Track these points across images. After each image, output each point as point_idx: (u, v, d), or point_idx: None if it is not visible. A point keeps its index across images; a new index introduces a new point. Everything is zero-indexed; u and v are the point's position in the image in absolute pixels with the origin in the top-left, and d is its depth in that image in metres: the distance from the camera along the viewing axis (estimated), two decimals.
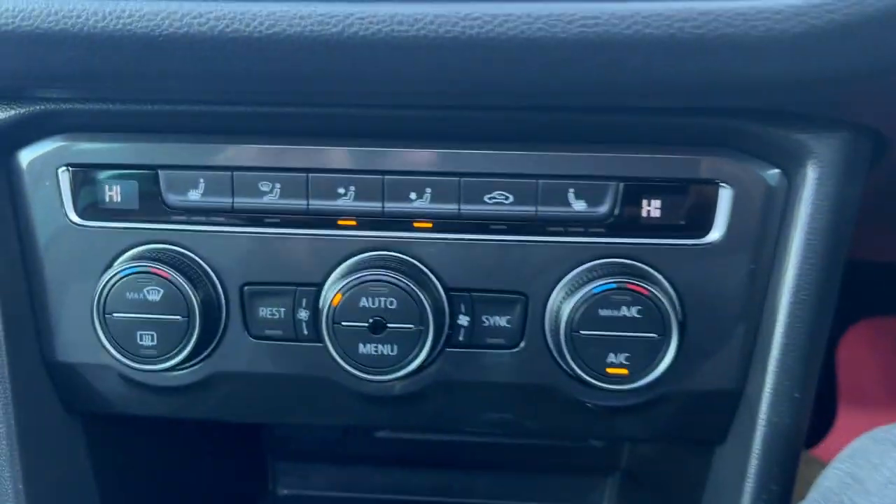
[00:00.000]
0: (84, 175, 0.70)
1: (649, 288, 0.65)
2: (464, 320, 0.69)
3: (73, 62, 0.53)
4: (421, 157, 0.67)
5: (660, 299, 0.65)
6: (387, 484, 1.13)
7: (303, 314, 0.70)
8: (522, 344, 0.69)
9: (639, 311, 0.65)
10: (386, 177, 0.68)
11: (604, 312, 0.65)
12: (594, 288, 0.65)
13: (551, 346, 0.68)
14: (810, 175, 0.63)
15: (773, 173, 0.66)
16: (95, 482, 0.80)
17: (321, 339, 0.68)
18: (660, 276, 0.67)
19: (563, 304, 0.67)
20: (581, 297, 0.65)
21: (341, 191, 0.68)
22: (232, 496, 1.08)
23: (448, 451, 1.11)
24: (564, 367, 0.68)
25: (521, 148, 0.67)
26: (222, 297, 0.70)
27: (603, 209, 0.67)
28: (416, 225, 0.69)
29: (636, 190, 0.67)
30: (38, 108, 0.67)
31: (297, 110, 0.64)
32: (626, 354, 0.66)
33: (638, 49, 0.48)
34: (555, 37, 0.48)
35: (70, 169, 0.70)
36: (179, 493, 0.96)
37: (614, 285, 0.65)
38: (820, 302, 0.66)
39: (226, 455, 1.08)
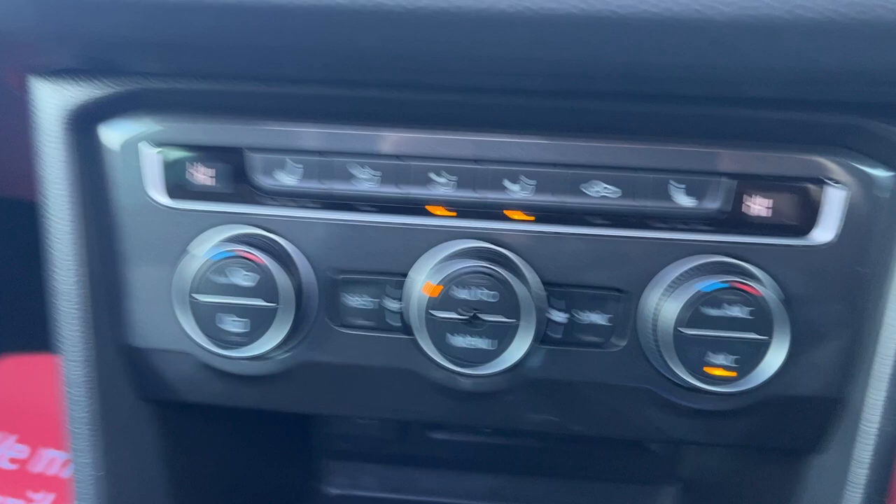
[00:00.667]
0: (173, 155, 0.68)
1: (759, 288, 0.63)
2: (560, 316, 0.67)
3: (197, 32, 0.51)
4: (519, 146, 0.65)
5: (769, 300, 0.63)
6: (438, 486, 1.10)
7: (393, 305, 0.68)
8: (621, 343, 0.67)
9: (750, 312, 0.63)
10: (482, 165, 0.66)
11: (711, 312, 0.63)
12: (703, 287, 0.63)
13: (652, 345, 0.66)
14: None
15: (889, 175, 0.64)
16: (164, 470, 0.77)
17: (411, 331, 0.66)
18: (768, 277, 0.65)
19: (666, 302, 0.64)
20: (685, 295, 0.63)
21: (437, 178, 0.66)
22: (284, 492, 1.06)
23: (502, 455, 1.09)
24: (663, 367, 0.66)
25: (628, 140, 0.65)
26: (314, 284, 0.68)
27: (710, 205, 0.65)
28: (512, 216, 0.67)
29: (745, 187, 0.65)
30: (129, 86, 0.65)
31: (397, 94, 0.62)
32: (733, 356, 0.64)
33: (796, 33, 0.46)
34: (711, 19, 0.46)
35: (159, 148, 0.68)
36: (237, 486, 0.94)
37: (725, 285, 0.63)
38: None
39: (280, 451, 1.06)
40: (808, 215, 0.65)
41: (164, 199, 0.69)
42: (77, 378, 0.70)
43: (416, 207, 0.67)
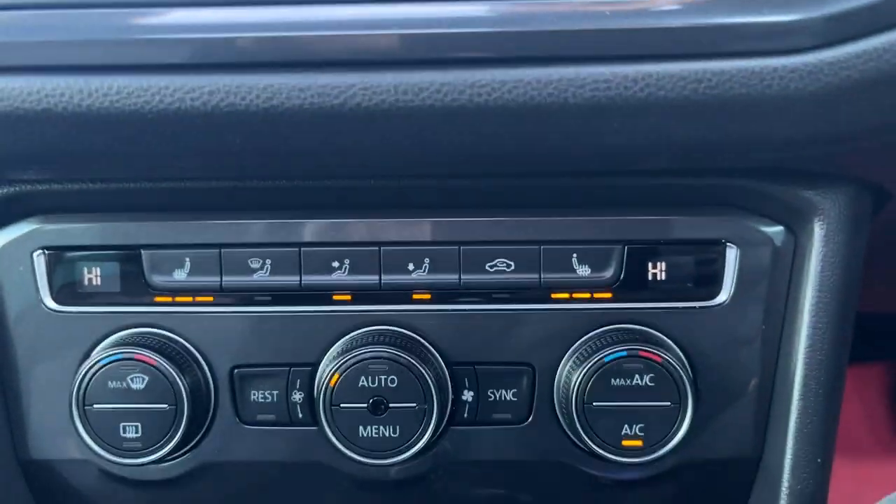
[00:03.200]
0: (60, 258, 0.66)
1: (661, 354, 0.63)
2: (468, 395, 0.66)
3: (56, 142, 0.50)
4: (418, 227, 0.65)
5: (672, 366, 0.63)
6: None
7: (297, 396, 0.66)
8: (531, 418, 0.66)
9: (651, 380, 0.63)
10: (382, 248, 0.65)
11: (616, 382, 0.63)
12: (605, 356, 0.63)
13: (562, 419, 0.65)
14: (817, 231, 0.62)
15: (779, 230, 0.64)
16: None
17: (318, 423, 0.64)
18: (669, 342, 0.65)
19: (571, 374, 0.64)
20: (591, 367, 0.63)
21: (336, 265, 0.65)
22: None
23: None
24: (577, 441, 0.65)
25: (522, 214, 0.65)
26: (211, 381, 0.66)
27: (608, 273, 0.65)
28: (414, 297, 0.66)
29: (641, 253, 0.65)
30: (9, 189, 0.63)
31: (288, 184, 0.61)
32: (641, 425, 0.63)
33: (651, 112, 0.47)
34: (566, 102, 0.46)
35: (45, 252, 0.66)
36: None
37: (625, 353, 0.62)
38: (836, 361, 0.64)
39: None
40: (704, 276, 0.65)
41: (53, 304, 0.67)
42: None
43: (317, 296, 0.66)
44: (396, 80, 0.46)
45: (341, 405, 0.63)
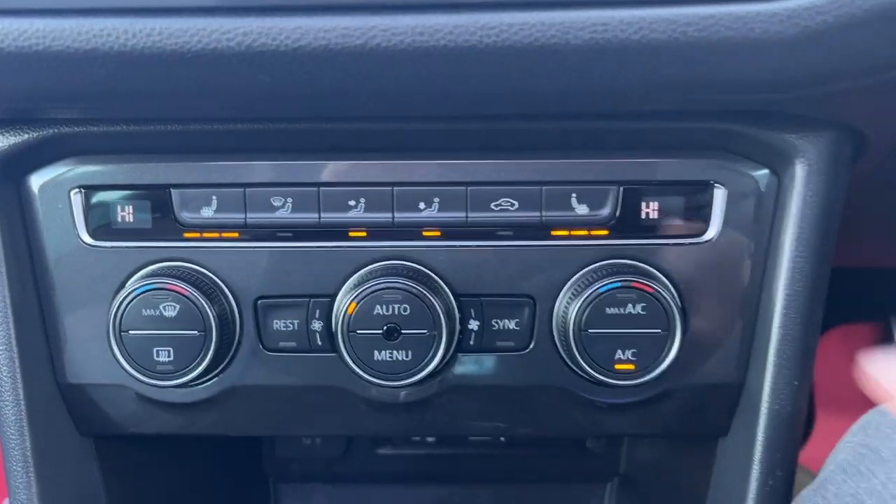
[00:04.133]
0: (96, 196, 0.71)
1: (652, 285, 0.68)
2: (474, 325, 0.72)
3: (100, 80, 0.55)
4: (428, 168, 0.70)
5: (663, 296, 0.68)
6: (388, 500, 1.13)
7: (316, 325, 0.72)
8: (532, 345, 0.72)
9: (643, 308, 0.68)
10: (395, 188, 0.70)
11: (610, 311, 0.68)
12: (600, 287, 0.68)
13: (560, 346, 0.70)
14: (799, 173, 0.67)
15: (763, 173, 0.69)
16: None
17: (336, 349, 0.70)
18: (660, 275, 0.70)
19: (569, 304, 0.69)
20: (587, 297, 0.68)
21: (352, 203, 0.70)
22: None
23: (448, 465, 1.13)
24: (573, 365, 0.70)
25: (525, 157, 0.69)
26: (237, 311, 0.71)
27: (604, 212, 0.70)
28: (425, 234, 0.71)
29: (635, 193, 0.70)
30: (48, 131, 0.68)
31: (308, 127, 0.66)
32: (633, 350, 0.68)
33: (644, 52, 0.51)
34: (567, 43, 0.51)
35: (82, 190, 0.71)
36: None
37: (619, 284, 0.68)
38: (813, 292, 0.69)
39: (230, 477, 1.08)
40: (694, 215, 0.70)
41: (90, 239, 0.72)
42: (11, 418, 0.72)
43: (335, 232, 0.71)
44: (413, 23, 0.51)
45: (358, 331, 0.69)
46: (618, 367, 0.69)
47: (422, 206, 0.70)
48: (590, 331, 0.68)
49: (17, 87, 0.57)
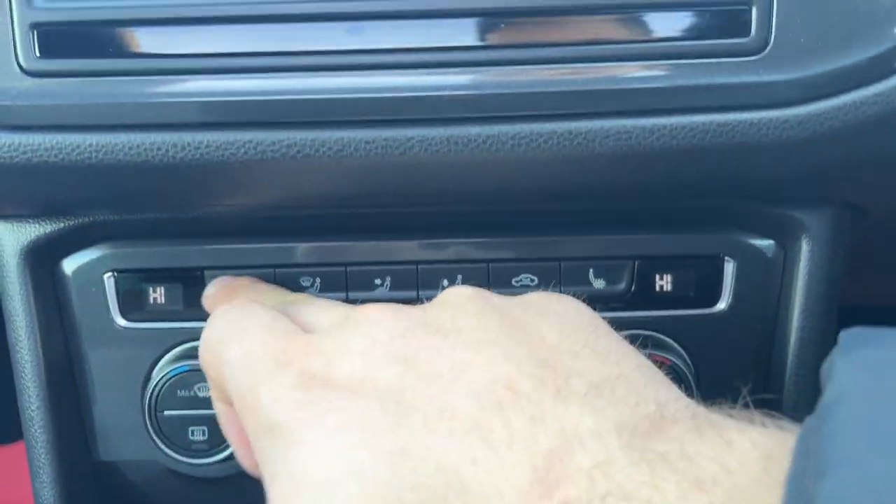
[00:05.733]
0: (129, 279, 0.74)
1: (668, 356, 0.71)
2: None
3: (147, 188, 0.57)
4: (451, 247, 0.72)
5: (678, 365, 0.71)
6: None
7: None
8: None
9: None
10: (419, 266, 0.73)
11: None
12: None
13: None
14: (805, 245, 0.71)
15: (770, 244, 0.73)
16: None
17: None
18: (675, 344, 0.73)
19: None
20: None
21: (378, 282, 0.73)
22: None
23: None
24: None
25: (543, 234, 0.73)
26: None
27: (621, 286, 0.73)
28: None
29: (650, 267, 0.73)
30: (82, 220, 0.70)
31: (338, 212, 0.69)
32: None
33: (664, 157, 0.55)
34: (592, 151, 0.54)
35: (115, 274, 0.73)
36: None
37: None
38: (822, 352, 0.72)
39: None
40: (706, 286, 0.73)
41: (124, 321, 0.74)
42: (46, 498, 0.74)
43: None
44: (447, 134, 0.54)
45: None
46: None
47: (445, 283, 0.73)
48: None
49: (62, 194, 0.60)
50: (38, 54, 0.54)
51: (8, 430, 1.24)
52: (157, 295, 0.74)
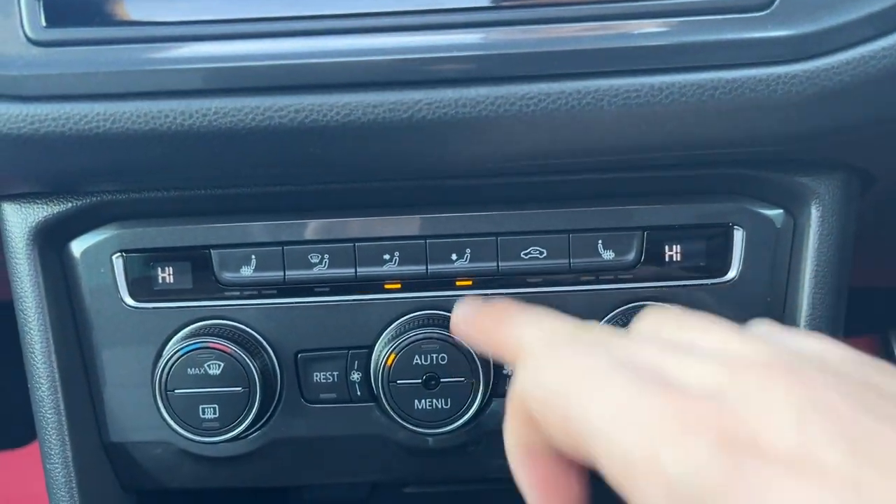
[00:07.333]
0: (137, 259, 0.73)
1: None
2: (508, 369, 0.74)
3: (155, 158, 0.57)
4: (460, 221, 0.72)
5: None
6: None
7: (355, 376, 0.74)
8: None
9: None
10: (428, 241, 0.73)
11: None
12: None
13: None
14: (814, 213, 0.70)
15: (779, 213, 0.73)
16: None
17: (375, 398, 0.72)
18: None
19: None
20: None
21: (386, 257, 0.73)
22: None
23: (476, 500, 1.14)
24: None
25: (552, 206, 0.72)
26: (277, 366, 0.74)
27: (630, 257, 0.73)
28: (458, 284, 0.73)
29: (658, 237, 0.73)
30: (89, 199, 0.70)
31: (345, 187, 0.69)
32: None
33: (675, 115, 0.54)
34: (601, 110, 0.54)
35: (123, 254, 0.73)
36: None
37: None
38: (834, 321, 0.72)
39: None
40: (715, 256, 0.73)
41: (133, 301, 0.74)
42: (60, 480, 0.74)
43: (370, 285, 0.73)
44: (456, 95, 0.54)
45: (398, 381, 0.71)
46: None
47: (454, 257, 0.73)
48: None
49: (70, 166, 0.60)
50: (44, 24, 0.54)
51: (21, 434, 1.24)
52: (166, 274, 0.74)
